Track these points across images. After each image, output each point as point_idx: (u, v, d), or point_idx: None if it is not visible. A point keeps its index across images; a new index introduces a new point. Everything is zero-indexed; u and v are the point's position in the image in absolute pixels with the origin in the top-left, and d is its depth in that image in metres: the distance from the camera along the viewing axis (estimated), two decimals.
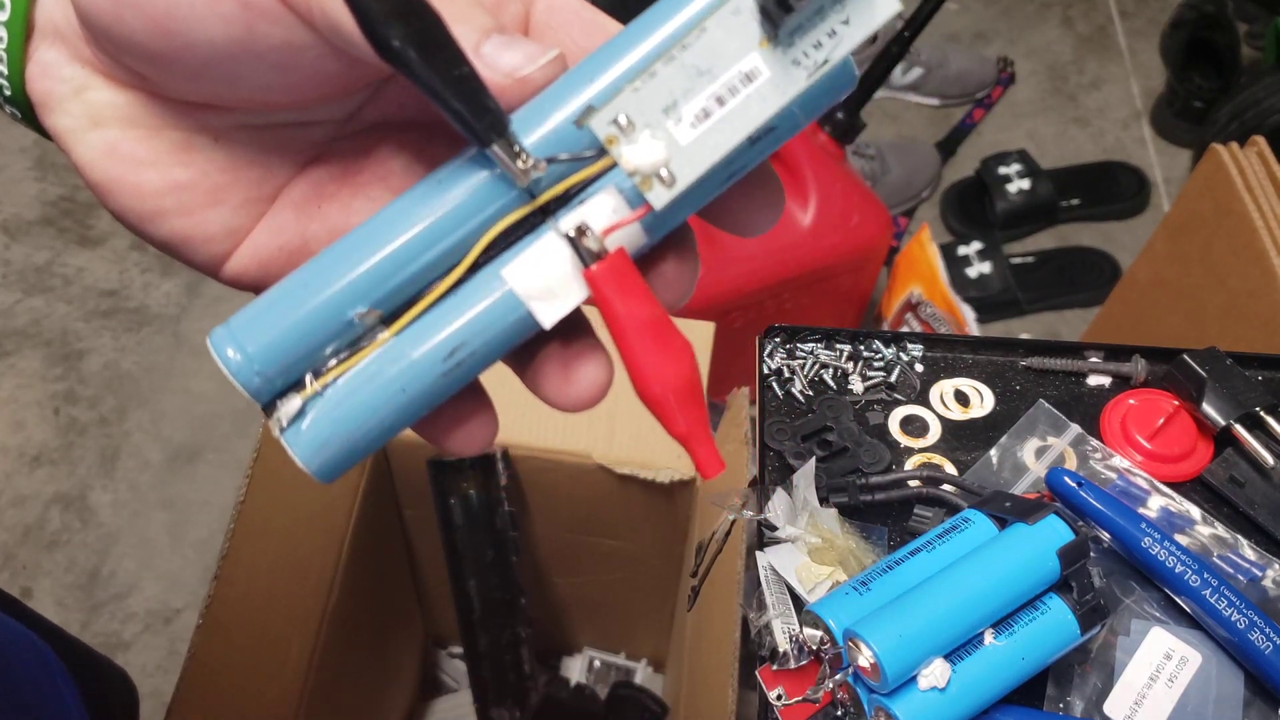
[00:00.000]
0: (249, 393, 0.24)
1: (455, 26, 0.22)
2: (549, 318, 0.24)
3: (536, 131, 0.24)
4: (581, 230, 0.24)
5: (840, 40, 0.23)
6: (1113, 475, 0.54)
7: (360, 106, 0.28)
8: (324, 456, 0.24)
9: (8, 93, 0.26)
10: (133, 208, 0.26)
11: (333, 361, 0.24)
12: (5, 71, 0.26)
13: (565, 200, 0.24)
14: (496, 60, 0.23)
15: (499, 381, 0.29)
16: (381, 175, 0.28)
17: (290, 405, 0.24)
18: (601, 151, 0.24)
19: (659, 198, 0.24)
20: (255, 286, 0.28)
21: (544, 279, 0.24)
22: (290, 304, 0.24)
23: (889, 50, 1.25)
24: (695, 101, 0.23)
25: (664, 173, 0.23)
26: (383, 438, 0.25)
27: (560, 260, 0.24)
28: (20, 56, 0.26)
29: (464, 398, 0.27)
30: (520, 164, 0.23)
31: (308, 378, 0.24)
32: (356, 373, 0.24)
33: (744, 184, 0.26)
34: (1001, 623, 0.44)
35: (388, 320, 0.24)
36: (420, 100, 0.26)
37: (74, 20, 0.25)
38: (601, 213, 0.24)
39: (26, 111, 0.27)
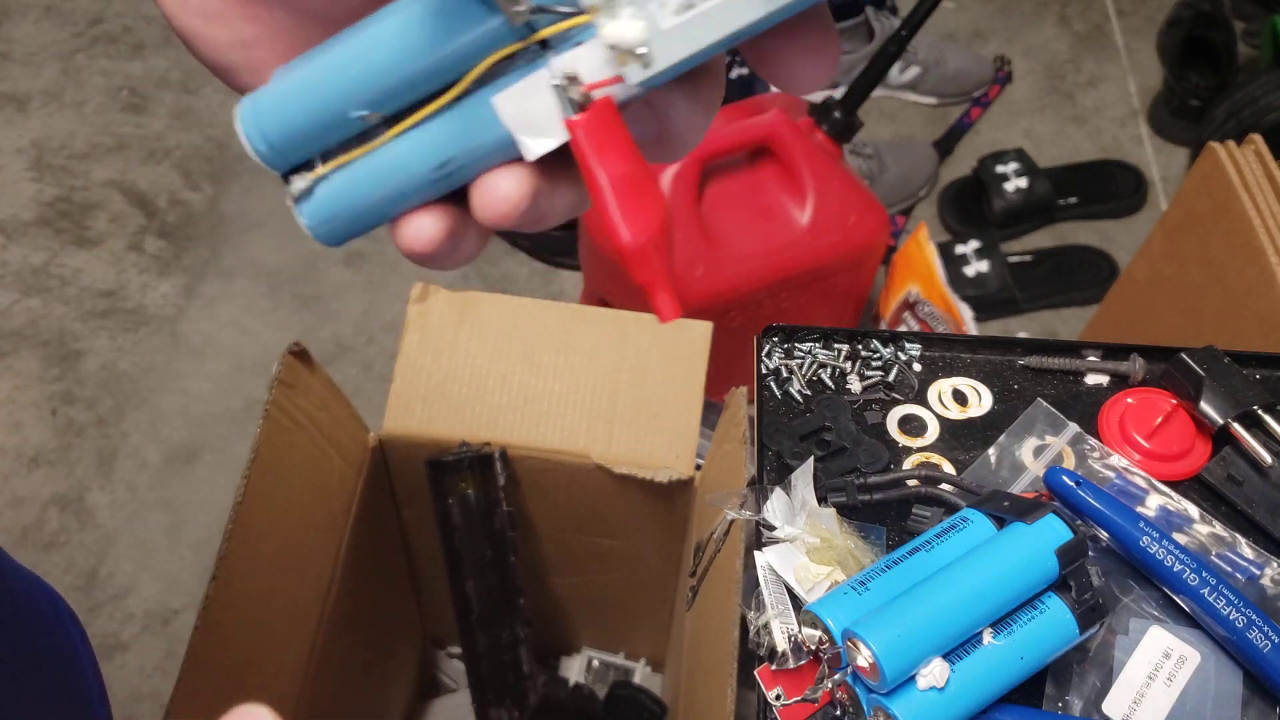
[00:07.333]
0: (261, 160, 0.27)
1: None
2: (533, 151, 0.25)
3: None
4: (571, 78, 0.24)
5: None
6: (1111, 474, 0.54)
7: None
8: (324, 227, 0.28)
9: None
10: (209, 60, 0.28)
11: (340, 151, 0.27)
12: None
13: (566, 38, 0.24)
14: None
15: (498, 381, 0.29)
16: None
17: (300, 182, 0.27)
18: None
19: (633, 75, 0.24)
20: None
21: (531, 115, 0.25)
22: (298, 96, 0.26)
23: (886, 49, 1.25)
24: None
25: (642, 52, 0.23)
26: (379, 221, 0.27)
27: (546, 101, 0.25)
28: None
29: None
30: (515, 6, 0.23)
31: (317, 160, 0.27)
32: (358, 163, 0.26)
33: (787, 29, 0.24)
34: (1000, 622, 0.44)
35: (390, 122, 0.26)
36: None
37: None
38: (590, 65, 0.24)
39: None
